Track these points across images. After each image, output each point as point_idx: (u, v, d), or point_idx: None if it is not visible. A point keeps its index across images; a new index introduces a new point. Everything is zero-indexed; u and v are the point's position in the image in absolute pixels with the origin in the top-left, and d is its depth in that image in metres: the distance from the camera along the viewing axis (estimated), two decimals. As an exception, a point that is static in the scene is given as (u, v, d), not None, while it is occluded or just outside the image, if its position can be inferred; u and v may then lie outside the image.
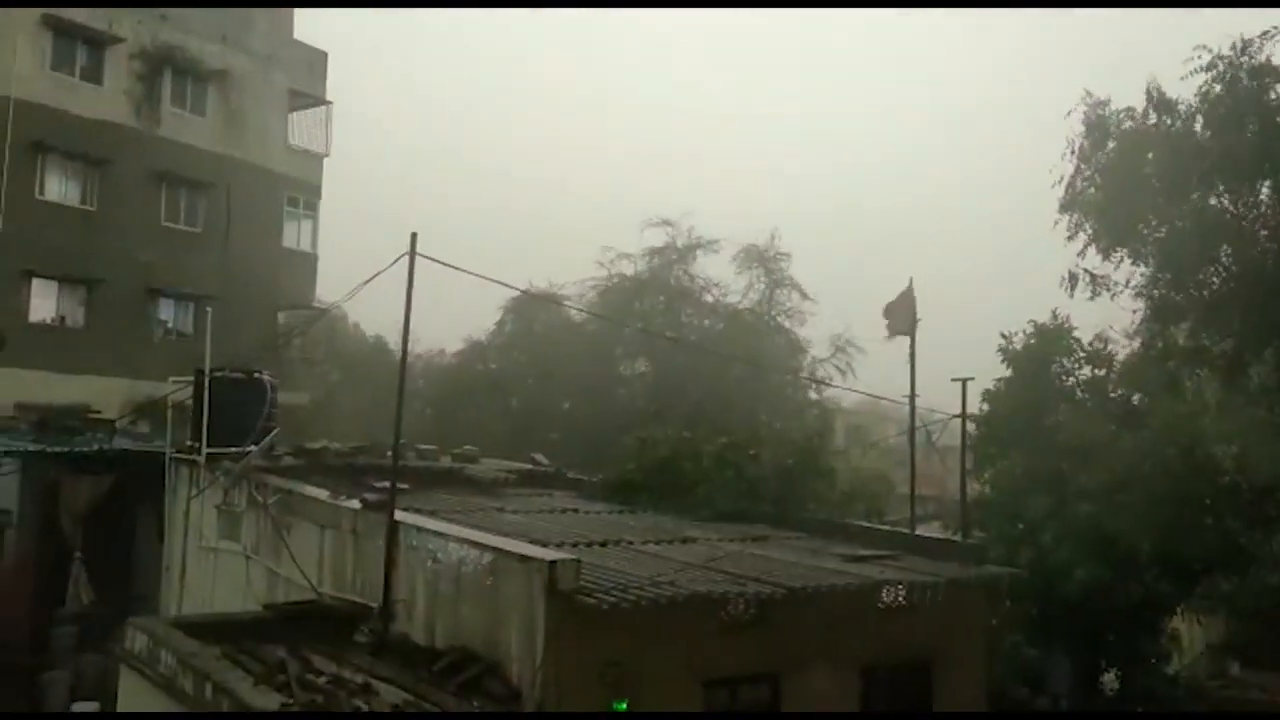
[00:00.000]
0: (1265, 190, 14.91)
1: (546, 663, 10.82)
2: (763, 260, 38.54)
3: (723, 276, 39.11)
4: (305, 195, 35.57)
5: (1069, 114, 15.84)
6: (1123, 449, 17.73)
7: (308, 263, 35.57)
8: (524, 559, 11.27)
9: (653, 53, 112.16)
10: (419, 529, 12.79)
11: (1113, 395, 19.87)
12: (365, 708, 10.29)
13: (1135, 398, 19.25)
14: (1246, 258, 14.80)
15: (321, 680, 11.02)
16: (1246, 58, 14.44)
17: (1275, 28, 14.19)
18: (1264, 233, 14.99)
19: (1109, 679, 22.64)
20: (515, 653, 11.18)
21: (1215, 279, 15.33)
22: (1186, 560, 18.64)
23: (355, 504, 14.07)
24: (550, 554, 11.40)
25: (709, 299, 38.70)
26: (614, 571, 12.00)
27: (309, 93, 35.96)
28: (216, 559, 17.04)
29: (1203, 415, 17.30)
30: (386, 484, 13.56)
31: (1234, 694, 25.01)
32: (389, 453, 17.15)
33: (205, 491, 17.41)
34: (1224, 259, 15.14)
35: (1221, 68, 14.41)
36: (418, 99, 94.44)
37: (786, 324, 38.58)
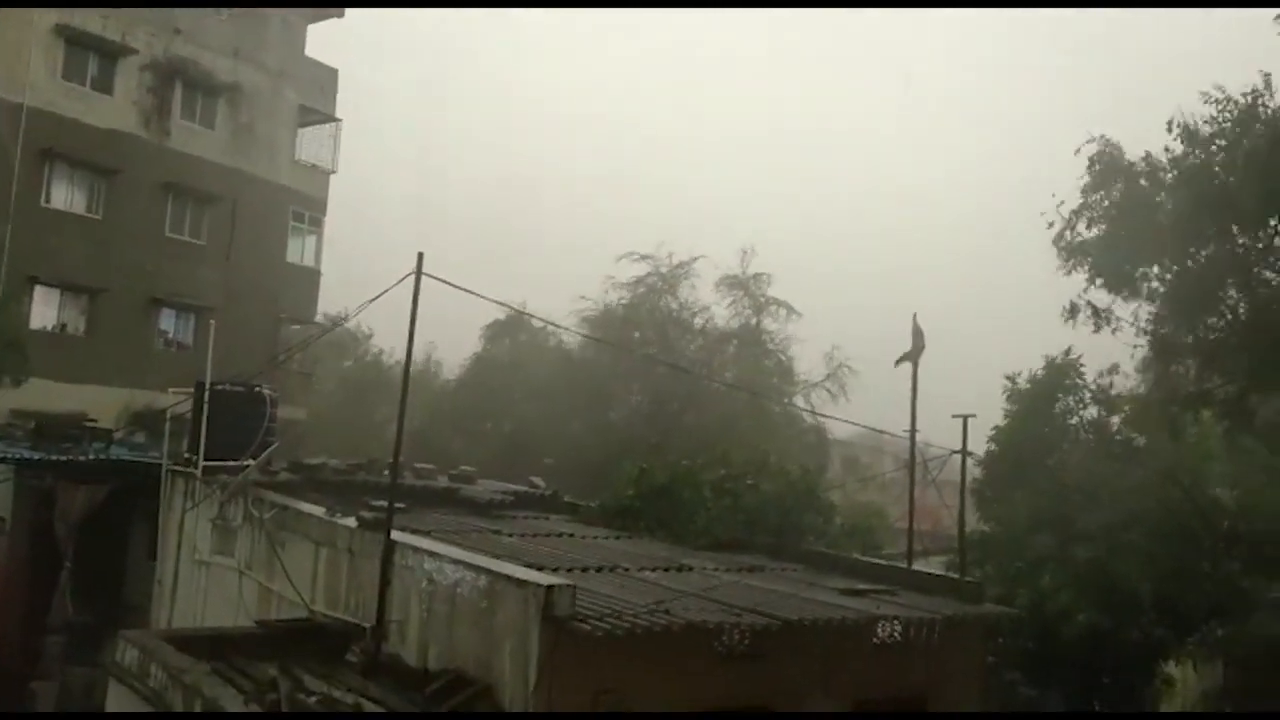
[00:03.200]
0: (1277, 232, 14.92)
1: (539, 688, 10.73)
2: (743, 285, 38.45)
3: (708, 300, 39.11)
4: (311, 210, 35.68)
5: (1077, 151, 15.83)
6: (1125, 490, 17.65)
7: (311, 278, 35.65)
8: (520, 583, 11.20)
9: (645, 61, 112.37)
10: (415, 549, 12.70)
11: (1116, 436, 19.83)
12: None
13: (1139, 439, 19.19)
14: (1254, 300, 14.78)
15: (312, 700, 10.91)
16: (1269, 95, 14.43)
17: None
18: (1273, 275, 14.99)
19: (1102, 722, 22.56)
20: (508, 677, 11.09)
21: (1221, 321, 15.29)
22: (1186, 605, 18.52)
23: (352, 522, 13.99)
24: (546, 578, 11.32)
25: (698, 323, 38.71)
26: (609, 598, 11.91)
27: (319, 109, 36.15)
28: (209, 573, 16.93)
29: (1206, 458, 17.24)
30: (383, 502, 13.50)
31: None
32: (386, 471, 17.15)
33: (201, 504, 17.33)
34: (1230, 300, 15.12)
35: (1245, 104, 14.39)
36: (426, 109, 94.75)
37: (773, 347, 38.32)
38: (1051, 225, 15.77)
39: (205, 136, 32.91)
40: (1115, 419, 19.96)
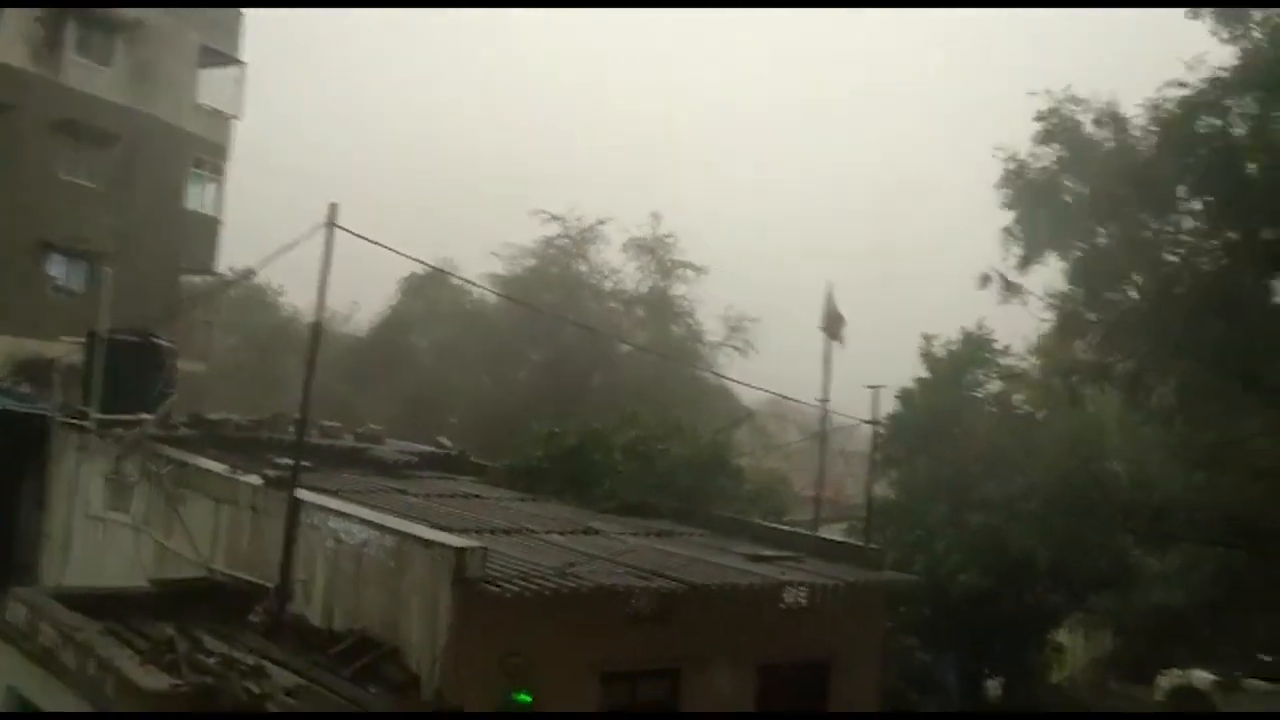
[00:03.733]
0: (1187, 219, 15.42)
1: (447, 650, 10.65)
2: (650, 248, 38.39)
3: (618, 263, 38.95)
4: (212, 157, 34.31)
5: (1031, 95, 15.93)
6: (1025, 461, 18.21)
7: (211, 227, 34.34)
8: (429, 544, 11.08)
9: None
10: (321, 508, 12.46)
11: (1017, 410, 20.43)
12: (257, 690, 9.96)
13: (1040, 413, 19.80)
14: (1157, 280, 15.31)
15: (212, 660, 10.62)
16: (1212, 93, 14.84)
17: (1225, 69, 14.73)
18: (1176, 259, 15.53)
19: (993, 685, 23.41)
20: (416, 639, 10.98)
21: (1124, 299, 15.81)
22: (1077, 574, 19.24)
23: (256, 480, 13.62)
24: (456, 540, 11.22)
25: (607, 286, 38.59)
26: (519, 560, 11.86)
27: (223, 51, 34.69)
28: (104, 530, 16.33)
29: (1104, 432, 17.85)
30: (288, 460, 13.17)
31: (1108, 707, 26.21)
32: (291, 428, 16.72)
33: (94, 459, 16.67)
34: (1135, 279, 15.63)
35: (1186, 94, 14.74)
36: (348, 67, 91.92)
37: (680, 310, 38.33)
38: (1001, 180, 15.85)
39: (101, 74, 31.29)
40: (1018, 397, 20.57)
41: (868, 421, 16.69)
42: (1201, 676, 24.69)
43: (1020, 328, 21.01)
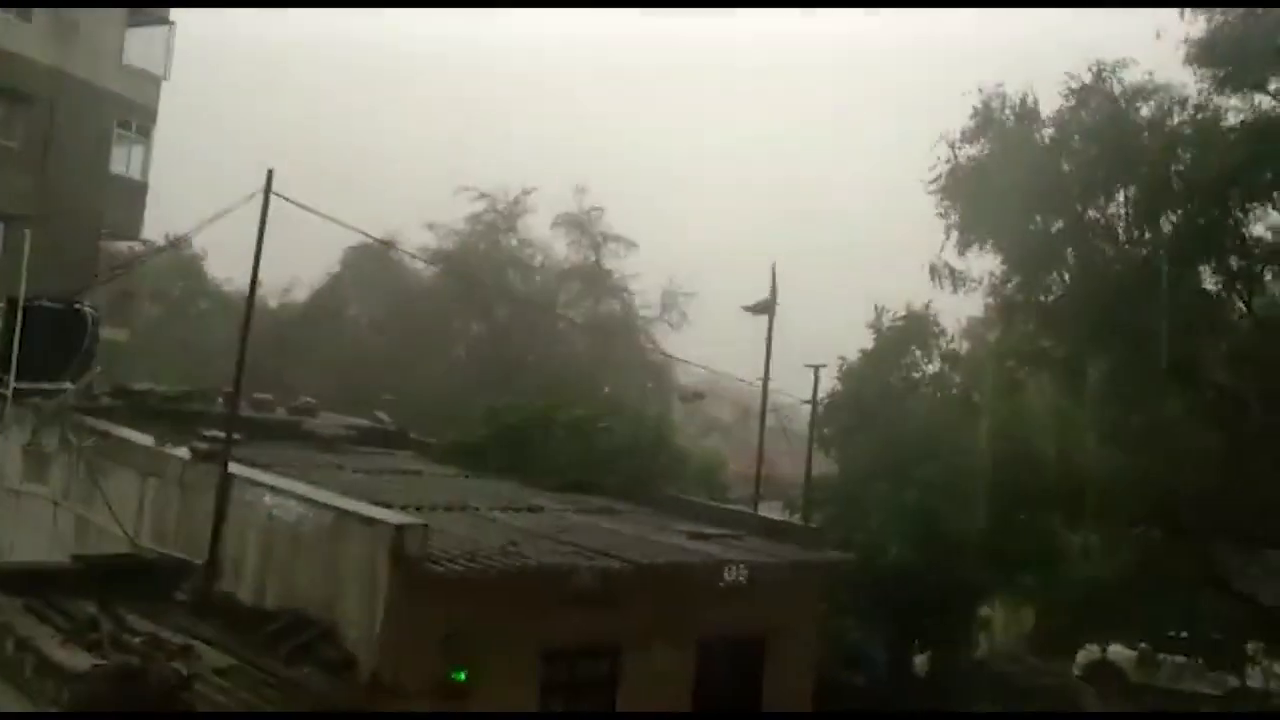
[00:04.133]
0: (1115, 206, 15.74)
1: (386, 629, 10.43)
2: (579, 222, 38.12)
3: (548, 238, 38.65)
4: (139, 119, 33.14)
5: (964, 94, 16.15)
6: (960, 442, 18.48)
7: (138, 191, 33.21)
8: (369, 521, 10.83)
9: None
10: (255, 483, 12.11)
11: (954, 391, 20.72)
12: (185, 671, 9.65)
13: (976, 395, 20.12)
14: (1089, 267, 15.60)
15: (137, 640, 10.28)
16: (1108, 81, 15.14)
17: (1128, 59, 15.02)
18: (1108, 246, 15.84)
19: (921, 661, 23.84)
20: (353, 618, 10.74)
21: (1059, 284, 16.10)
22: (1006, 552, 19.64)
23: (184, 453, 13.20)
24: (397, 518, 10.98)
25: (538, 261, 38.28)
26: (461, 538, 11.69)
27: (150, 9, 33.45)
28: (19, 503, 15.74)
29: (1035, 415, 18.21)
30: (218, 433, 12.79)
31: (1028, 680, 27.02)
32: (221, 400, 16.26)
33: (11, 429, 16.03)
34: (1069, 266, 15.91)
35: (1082, 87, 15.06)
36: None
37: (613, 284, 38.12)
38: (934, 168, 16.07)
39: (21, 29, 29.96)
40: (958, 372, 20.87)
41: (807, 401, 16.75)
42: (1117, 651, 25.52)
43: (961, 312, 21.37)
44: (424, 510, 12.98)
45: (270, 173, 11.85)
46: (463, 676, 10.79)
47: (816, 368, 16.66)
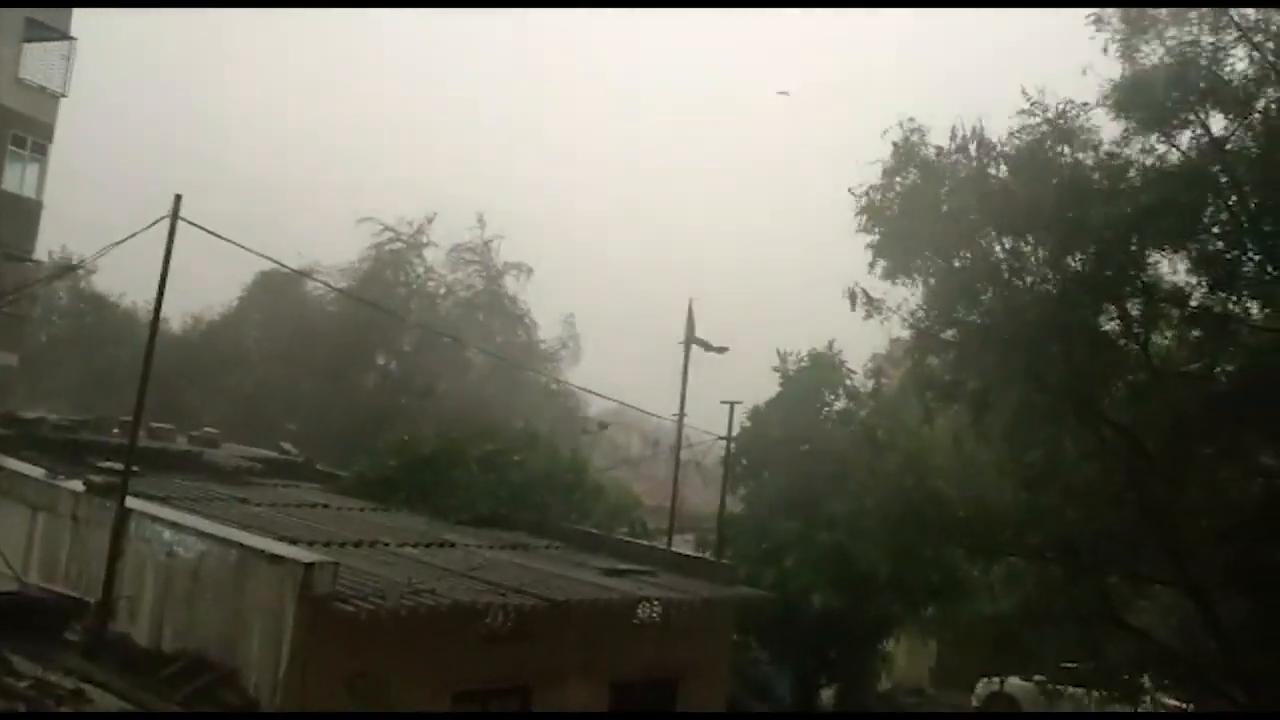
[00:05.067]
0: (1028, 246, 16.13)
1: (291, 671, 10.09)
2: (476, 253, 37.91)
3: (450, 268, 38.27)
4: (34, 135, 31.94)
5: (885, 133, 16.41)
6: (867, 479, 18.75)
7: (31, 210, 31.95)
8: (275, 559, 10.48)
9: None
10: (153, 518, 11.63)
11: (860, 428, 21.10)
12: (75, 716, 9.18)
13: (882, 432, 20.47)
14: (1006, 302, 15.92)
15: (23, 685, 9.74)
16: (1063, 121, 15.49)
17: (1086, 104, 15.45)
18: (1024, 284, 16.21)
19: (827, 694, 24.08)
20: (256, 660, 10.37)
21: (976, 318, 16.39)
22: (911, 586, 19.96)
23: (77, 485, 12.62)
24: (305, 555, 10.65)
25: (442, 291, 37.95)
26: (370, 575, 11.38)
27: (49, 25, 32.35)
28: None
29: (940, 451, 18.54)
30: (114, 464, 12.27)
31: (927, 711, 27.47)
32: (117, 429, 15.64)
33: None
34: (986, 301, 16.22)
35: (1039, 123, 15.35)
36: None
37: (518, 313, 37.94)
38: (860, 199, 16.20)
39: (-92, 39, 28.77)
40: (865, 409, 21.21)
41: (721, 437, 16.85)
42: (1014, 683, 26.07)
43: (878, 342, 21.70)
44: (332, 546, 12.63)
45: (178, 198, 11.51)
46: None
47: (732, 404, 16.80)
